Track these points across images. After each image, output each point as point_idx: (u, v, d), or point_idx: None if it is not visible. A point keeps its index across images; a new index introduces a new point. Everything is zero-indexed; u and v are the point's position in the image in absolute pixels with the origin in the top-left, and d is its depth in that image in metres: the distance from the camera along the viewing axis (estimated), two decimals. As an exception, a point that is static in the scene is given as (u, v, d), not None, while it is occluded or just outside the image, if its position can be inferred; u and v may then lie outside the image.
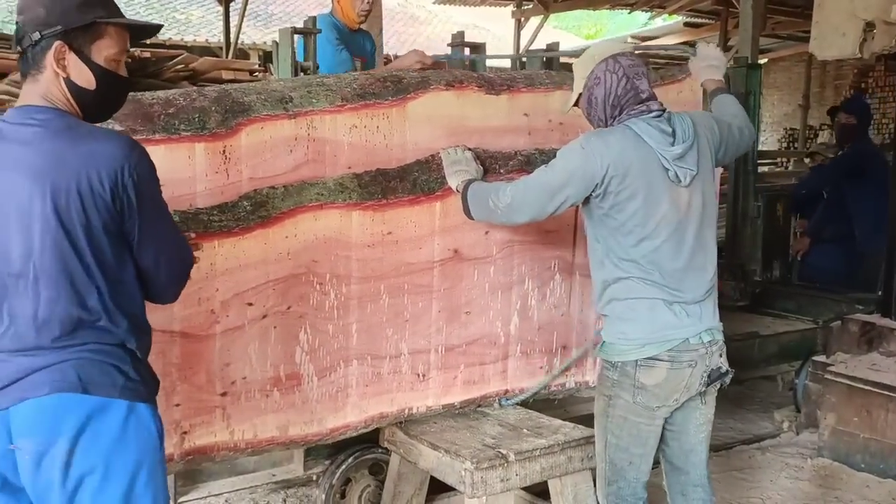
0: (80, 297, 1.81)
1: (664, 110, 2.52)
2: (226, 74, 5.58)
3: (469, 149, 2.91)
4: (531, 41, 11.54)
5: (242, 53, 12.05)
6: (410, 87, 2.86)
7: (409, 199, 2.82)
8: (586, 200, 2.52)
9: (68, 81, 1.87)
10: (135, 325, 1.93)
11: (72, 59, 1.86)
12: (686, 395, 2.51)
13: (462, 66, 3.92)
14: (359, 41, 4.30)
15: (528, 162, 2.98)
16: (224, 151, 2.54)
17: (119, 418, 1.84)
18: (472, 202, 2.73)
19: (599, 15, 23.94)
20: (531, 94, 3.11)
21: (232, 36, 10.47)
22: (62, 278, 1.79)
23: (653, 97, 2.52)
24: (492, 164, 2.95)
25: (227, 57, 9.57)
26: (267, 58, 14.85)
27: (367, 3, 4.13)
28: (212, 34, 14.20)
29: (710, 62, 2.95)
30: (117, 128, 2.38)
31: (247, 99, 2.61)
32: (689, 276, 2.49)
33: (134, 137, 2.21)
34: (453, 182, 2.84)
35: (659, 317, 2.46)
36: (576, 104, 2.67)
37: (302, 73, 3.97)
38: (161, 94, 2.59)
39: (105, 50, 1.90)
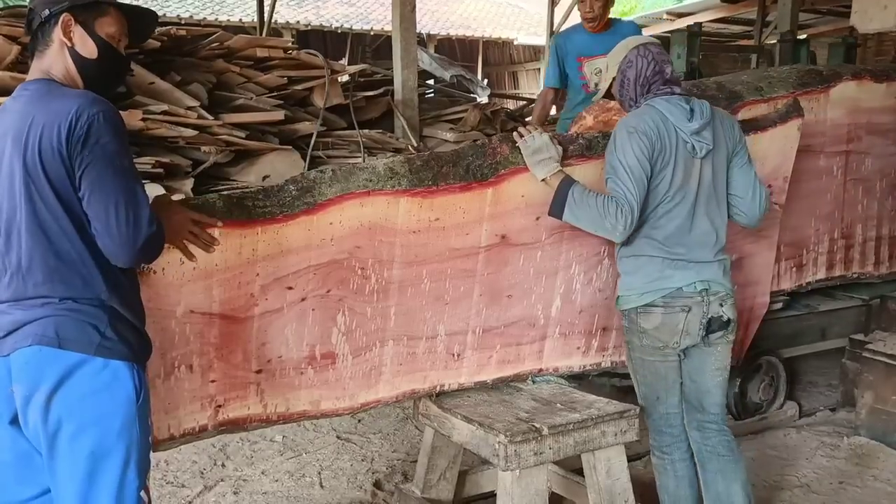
0: (54, 246, 1.95)
1: (685, 93, 2.82)
2: (260, 52, 5.61)
3: (544, 131, 2.89)
4: (564, 18, 11.41)
5: (275, 32, 12.09)
6: (830, 78, 3.88)
7: (460, 186, 2.78)
8: None
9: (72, 51, 2.08)
10: (112, 280, 2.02)
11: (77, 31, 2.08)
12: (689, 339, 2.79)
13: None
14: (597, 41, 4.54)
15: (589, 147, 2.96)
16: None
17: (93, 374, 1.97)
18: (575, 213, 2.72)
19: (634, -10, 23.57)
20: None
21: (265, 15, 10.51)
22: (36, 229, 1.95)
23: (677, 82, 2.84)
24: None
25: (260, 35, 9.59)
26: (300, 37, 14.90)
27: (587, 12, 4.55)
28: (245, 13, 14.29)
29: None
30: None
31: (736, 89, 3.57)
32: (692, 240, 2.76)
33: None
34: (540, 173, 2.81)
35: (657, 270, 2.76)
36: (606, 94, 2.98)
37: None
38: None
39: (107, 27, 2.12)
